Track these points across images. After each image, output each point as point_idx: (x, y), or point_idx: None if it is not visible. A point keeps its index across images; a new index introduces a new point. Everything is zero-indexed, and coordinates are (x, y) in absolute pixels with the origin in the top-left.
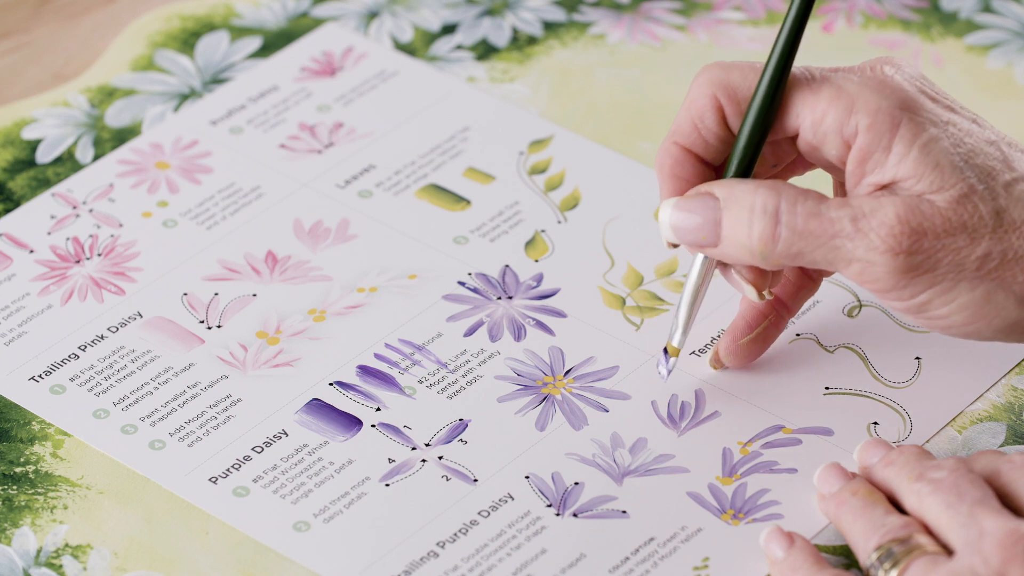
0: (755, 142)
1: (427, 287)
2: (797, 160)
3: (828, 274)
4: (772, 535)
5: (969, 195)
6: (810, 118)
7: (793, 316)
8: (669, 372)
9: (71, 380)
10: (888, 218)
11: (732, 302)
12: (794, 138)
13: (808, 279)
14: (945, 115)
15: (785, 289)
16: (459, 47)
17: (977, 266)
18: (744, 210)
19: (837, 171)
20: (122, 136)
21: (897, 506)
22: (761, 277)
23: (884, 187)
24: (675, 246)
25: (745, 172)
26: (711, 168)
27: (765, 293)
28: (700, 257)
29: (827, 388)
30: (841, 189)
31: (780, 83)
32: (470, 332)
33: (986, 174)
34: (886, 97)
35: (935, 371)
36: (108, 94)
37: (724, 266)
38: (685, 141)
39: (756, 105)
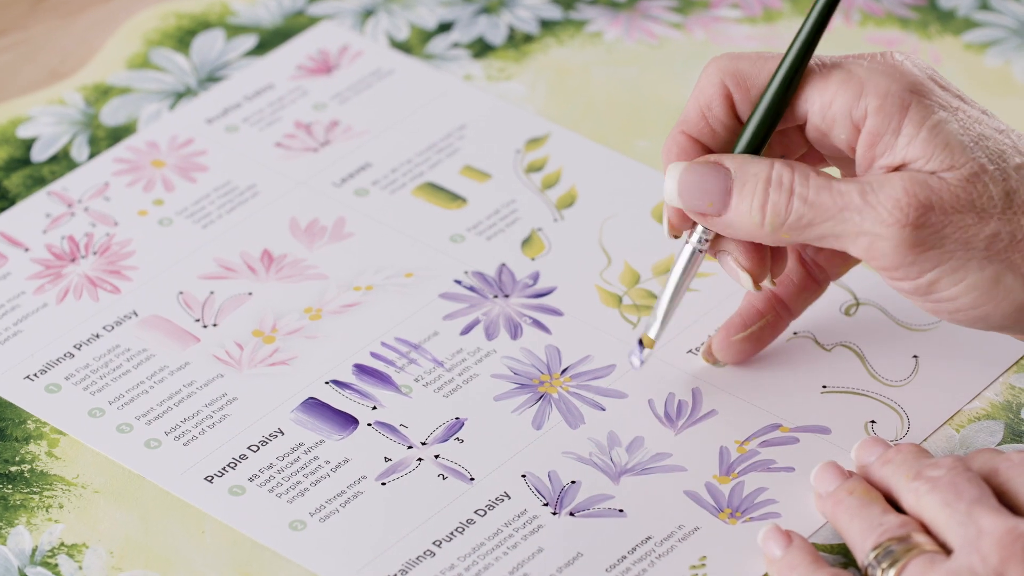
0: (768, 124)
1: (423, 285)
2: (806, 155)
3: (834, 276)
4: (770, 534)
5: (979, 174)
6: (819, 102)
7: (795, 318)
8: (642, 362)
9: (66, 379)
10: (896, 191)
11: (731, 300)
12: (802, 127)
13: (812, 281)
14: (955, 102)
15: (788, 290)
16: (455, 45)
17: (986, 245)
18: (758, 180)
19: (846, 163)
20: (118, 134)
21: (895, 505)
22: (759, 265)
23: (895, 169)
24: (676, 236)
25: (758, 147)
26: None
27: (764, 284)
28: (686, 249)
29: (824, 386)
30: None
31: (800, 67)
32: (466, 330)
33: (997, 156)
34: (895, 80)
35: (933, 369)
36: (104, 92)
37: (721, 252)
38: (693, 130)
39: (774, 87)
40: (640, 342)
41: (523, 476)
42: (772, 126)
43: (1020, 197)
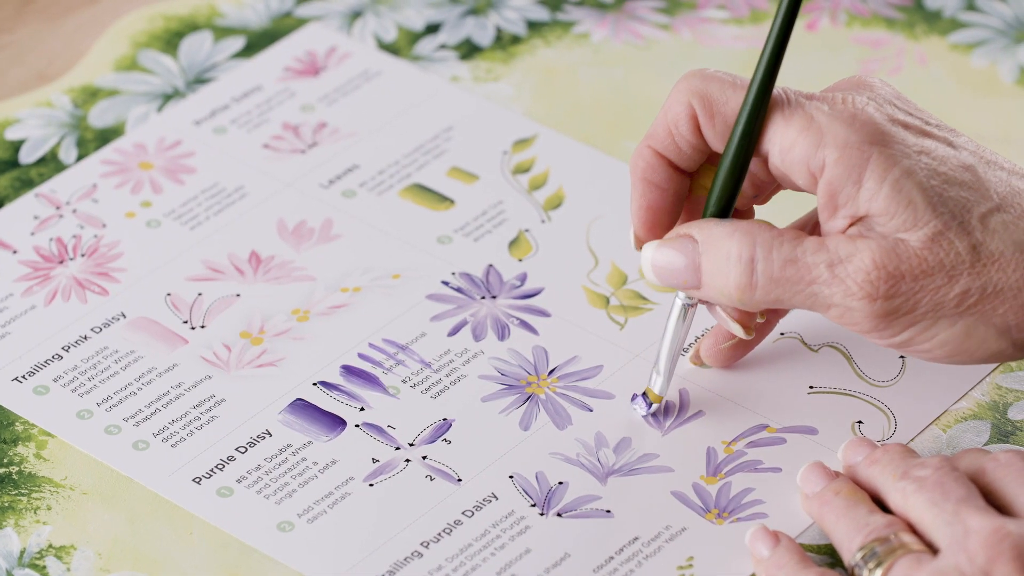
0: (735, 177)
1: (411, 287)
2: (778, 187)
3: None
4: (757, 534)
5: (944, 232)
6: (779, 145)
7: (783, 316)
8: (647, 416)
9: (55, 381)
10: (864, 264)
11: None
12: (766, 161)
13: None
14: (918, 143)
15: None
16: (443, 46)
17: (956, 303)
18: (720, 256)
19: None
20: (105, 136)
21: (881, 505)
22: (748, 315)
23: (858, 219)
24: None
25: (725, 208)
26: (684, 175)
27: (755, 322)
28: (677, 304)
29: (811, 387)
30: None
31: (756, 122)
32: (454, 332)
33: (960, 207)
34: (855, 131)
35: (919, 370)
36: (91, 94)
37: (711, 305)
38: (659, 146)
39: (735, 139)
40: (644, 395)
41: (511, 477)
42: (738, 186)
43: (987, 249)
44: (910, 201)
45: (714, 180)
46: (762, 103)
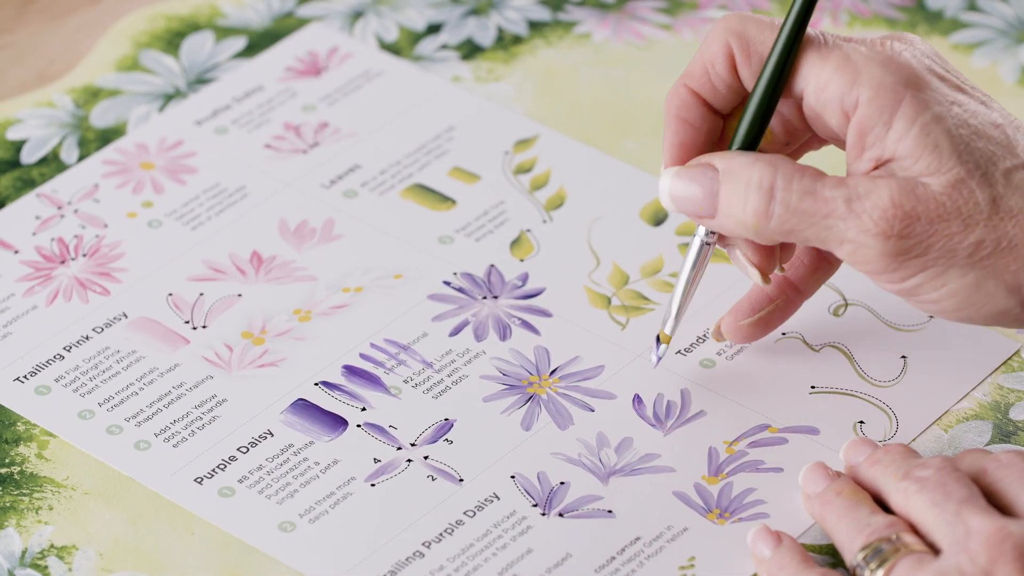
0: (763, 111)
1: (412, 287)
2: (812, 138)
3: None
4: (759, 534)
5: (966, 180)
6: (814, 83)
7: (808, 298)
8: (659, 359)
9: (56, 381)
10: (882, 201)
11: (723, 296)
12: (801, 103)
13: (825, 261)
14: (951, 95)
15: (799, 272)
16: (444, 47)
17: (969, 253)
18: (740, 184)
19: (843, 143)
20: (107, 136)
21: (883, 505)
22: (767, 259)
23: (883, 163)
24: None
25: (753, 142)
26: (718, 115)
27: (774, 272)
28: (696, 243)
29: (813, 387)
30: None
31: (789, 57)
32: (455, 332)
33: (986, 159)
34: (891, 72)
35: (921, 370)
36: (93, 94)
37: (729, 246)
38: (695, 85)
39: (767, 74)
40: (657, 338)
41: (512, 477)
42: (768, 114)
43: (1006, 203)
44: (936, 145)
45: (742, 114)
46: (797, 37)
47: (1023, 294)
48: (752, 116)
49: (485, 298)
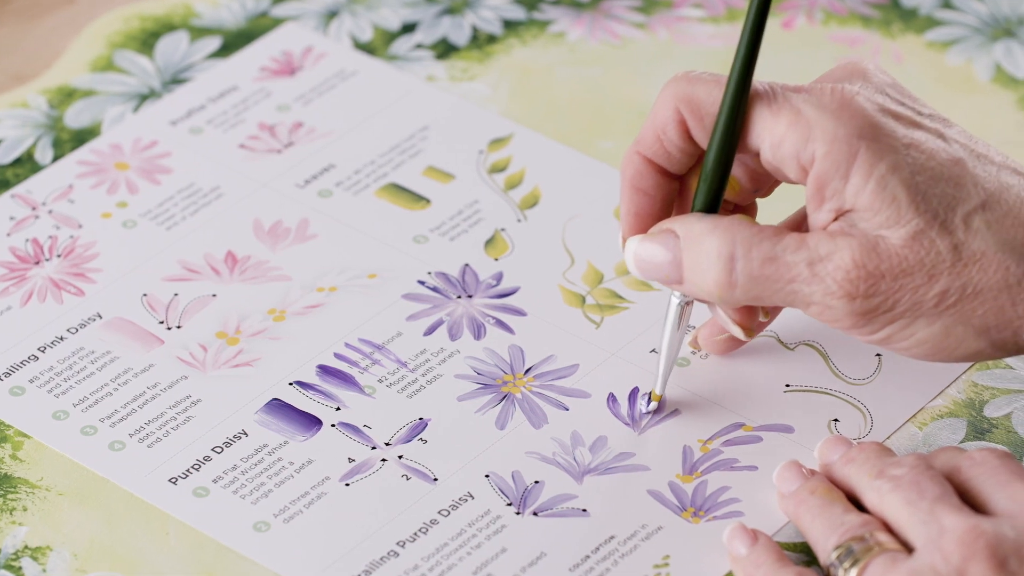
0: (719, 173)
1: (387, 286)
2: (778, 180)
3: None
4: (735, 532)
5: (926, 231)
6: (769, 140)
7: (784, 309)
8: (648, 413)
9: (31, 381)
10: (844, 262)
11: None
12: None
13: None
14: (908, 135)
15: None
16: (419, 46)
17: (935, 303)
18: (701, 253)
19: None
20: (81, 137)
21: (858, 504)
22: (747, 317)
23: (843, 212)
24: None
25: (712, 204)
26: (674, 179)
27: (761, 318)
28: (673, 303)
29: (788, 385)
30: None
31: (737, 118)
32: (430, 331)
33: (945, 206)
34: (844, 124)
35: (896, 367)
36: (67, 95)
37: (709, 304)
38: (648, 152)
39: (718, 136)
40: (648, 397)
41: (487, 476)
42: (723, 181)
43: (968, 249)
44: (894, 198)
45: (700, 175)
46: (742, 96)
47: (992, 335)
48: (709, 179)
49: (460, 297)
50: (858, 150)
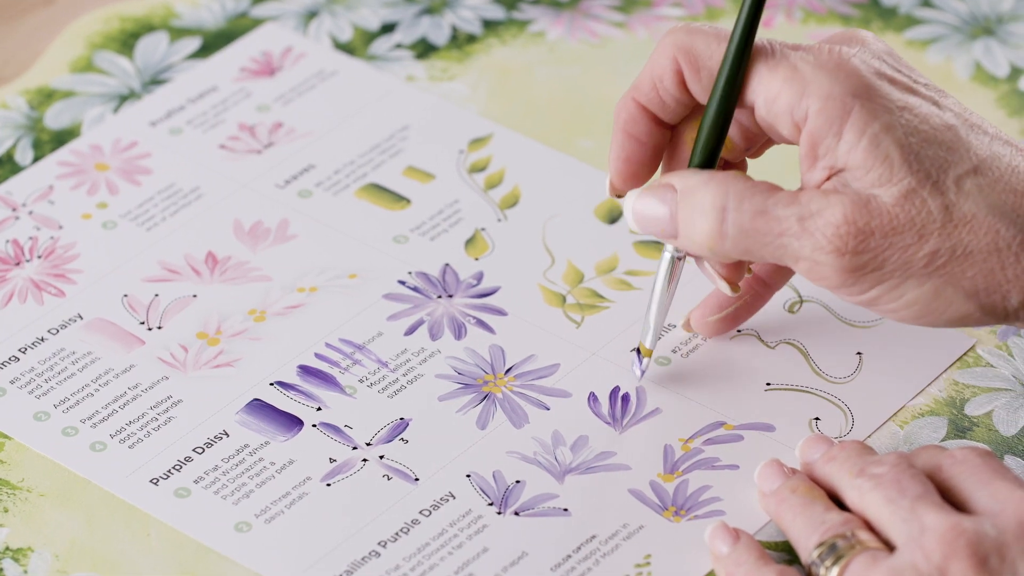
0: (719, 128)
1: (367, 286)
2: (771, 139)
3: None
4: (717, 531)
5: (917, 190)
6: (764, 96)
7: (777, 290)
8: (643, 372)
9: (11, 383)
10: (835, 217)
11: (688, 286)
12: (753, 112)
13: None
14: (902, 99)
15: (766, 267)
16: (398, 46)
17: (925, 263)
18: (695, 205)
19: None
20: (61, 138)
21: (839, 502)
22: (734, 271)
23: (836, 171)
24: (618, 196)
25: (710, 159)
26: (666, 128)
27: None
28: (665, 257)
29: (768, 384)
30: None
31: (739, 72)
32: (410, 331)
33: (937, 167)
34: (839, 82)
35: (877, 366)
36: (47, 96)
37: (697, 259)
38: (643, 99)
39: (719, 91)
40: (638, 351)
41: (468, 476)
42: (722, 136)
43: (959, 211)
44: (886, 156)
45: (699, 131)
46: (744, 52)
47: (981, 299)
48: (708, 134)
49: (440, 297)
50: (852, 108)
